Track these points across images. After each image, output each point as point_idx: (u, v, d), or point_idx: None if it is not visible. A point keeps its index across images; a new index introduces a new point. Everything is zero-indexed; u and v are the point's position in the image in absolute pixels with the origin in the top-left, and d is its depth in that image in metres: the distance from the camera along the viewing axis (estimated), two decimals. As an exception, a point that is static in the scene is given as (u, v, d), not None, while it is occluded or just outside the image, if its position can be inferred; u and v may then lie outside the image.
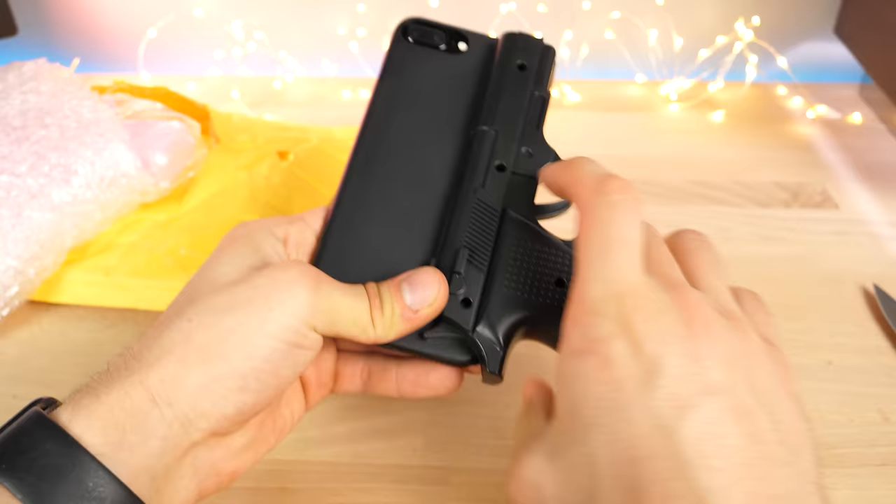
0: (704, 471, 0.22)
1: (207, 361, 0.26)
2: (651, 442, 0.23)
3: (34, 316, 0.47)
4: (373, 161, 0.33)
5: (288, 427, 0.33)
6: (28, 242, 0.44)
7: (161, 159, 0.50)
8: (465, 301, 0.30)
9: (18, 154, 0.46)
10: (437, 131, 0.34)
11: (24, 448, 0.24)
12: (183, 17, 0.71)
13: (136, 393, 0.25)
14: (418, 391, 0.33)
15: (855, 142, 0.63)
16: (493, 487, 0.37)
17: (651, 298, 0.25)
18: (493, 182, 0.32)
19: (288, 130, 0.60)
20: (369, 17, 0.72)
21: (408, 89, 0.35)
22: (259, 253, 0.29)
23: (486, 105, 0.34)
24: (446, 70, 0.36)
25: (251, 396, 0.27)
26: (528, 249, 0.31)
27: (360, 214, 0.32)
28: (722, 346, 0.25)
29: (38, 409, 0.25)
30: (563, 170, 0.29)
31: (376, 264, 0.31)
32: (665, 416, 0.23)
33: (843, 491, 0.37)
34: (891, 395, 0.42)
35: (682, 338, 0.24)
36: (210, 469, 0.28)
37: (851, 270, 0.50)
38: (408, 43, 0.36)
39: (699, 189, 0.58)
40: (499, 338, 0.30)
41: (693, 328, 0.25)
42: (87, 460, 0.24)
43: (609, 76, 0.73)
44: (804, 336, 0.45)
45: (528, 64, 0.35)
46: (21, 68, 0.52)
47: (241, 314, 0.26)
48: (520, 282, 0.31)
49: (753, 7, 0.70)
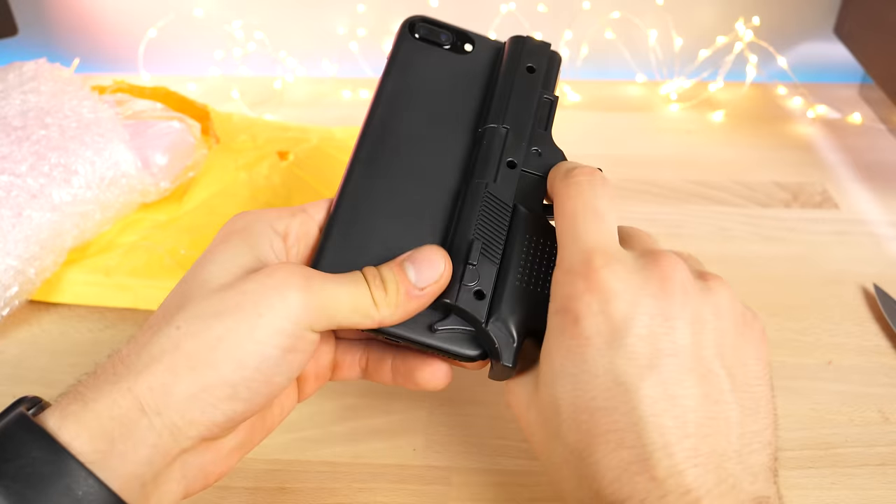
0: (655, 427, 0.24)
1: (196, 370, 0.25)
2: (611, 395, 0.25)
3: (34, 316, 0.47)
4: (377, 155, 0.33)
5: (277, 423, 0.32)
6: (28, 242, 0.44)
7: (161, 159, 0.50)
8: (479, 293, 0.30)
9: (19, 154, 0.46)
10: (444, 128, 0.34)
11: (10, 455, 0.23)
12: (183, 17, 0.71)
13: (124, 401, 0.24)
14: (408, 383, 0.32)
15: (855, 142, 0.64)
16: (493, 487, 0.37)
17: (622, 259, 0.27)
18: (505, 178, 0.32)
19: (288, 130, 0.60)
20: (369, 17, 0.72)
21: (413, 85, 0.35)
22: (255, 250, 0.29)
23: (495, 104, 0.34)
24: (453, 69, 0.36)
25: (242, 405, 0.26)
26: (540, 245, 0.31)
27: (365, 207, 0.32)
28: (693, 306, 0.26)
29: (23, 412, 0.24)
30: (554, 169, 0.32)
31: (381, 256, 0.30)
32: (627, 374, 0.25)
33: (843, 491, 0.37)
34: (891, 395, 0.42)
35: (654, 297, 0.26)
36: (198, 472, 0.28)
37: (851, 270, 0.50)
38: (414, 40, 0.36)
39: (699, 189, 0.58)
40: (511, 331, 0.29)
41: (665, 287, 0.26)
42: (76, 468, 0.23)
43: (609, 76, 0.73)
44: (804, 336, 0.45)
45: (537, 66, 0.35)
46: (21, 68, 0.52)
47: (230, 321, 0.26)
48: (532, 277, 0.30)
49: (753, 7, 0.70)
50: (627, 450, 0.24)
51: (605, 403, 0.25)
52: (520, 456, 0.38)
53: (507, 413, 0.41)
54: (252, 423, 0.30)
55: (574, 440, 0.26)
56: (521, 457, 0.38)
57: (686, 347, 0.26)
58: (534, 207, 0.32)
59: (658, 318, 0.26)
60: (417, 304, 0.29)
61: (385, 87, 0.35)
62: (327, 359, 0.33)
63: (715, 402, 0.25)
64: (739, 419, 0.26)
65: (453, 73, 0.36)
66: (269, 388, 0.27)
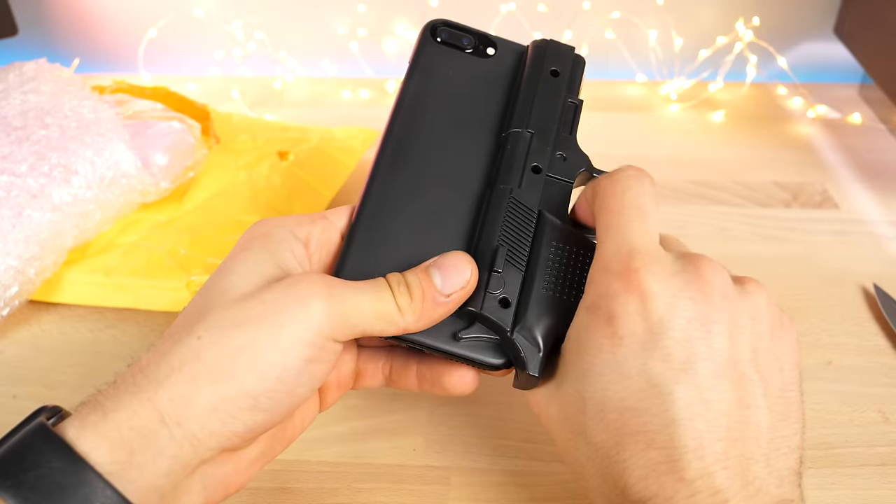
0: (687, 429, 0.24)
1: (217, 381, 0.25)
2: (643, 396, 0.25)
3: (34, 316, 0.47)
4: (400, 159, 0.33)
5: (298, 433, 0.32)
6: (28, 242, 0.44)
7: (161, 159, 0.50)
8: (504, 301, 0.29)
9: (19, 154, 0.46)
10: (467, 133, 0.34)
11: (29, 465, 0.23)
12: (183, 17, 0.71)
13: (144, 412, 0.24)
14: (435, 389, 0.32)
15: (855, 142, 0.64)
16: (493, 487, 0.37)
17: (662, 261, 0.27)
18: (529, 183, 0.32)
19: (288, 130, 0.60)
20: (369, 17, 0.72)
21: (436, 89, 0.35)
22: (276, 258, 0.28)
23: (519, 108, 0.34)
24: (475, 73, 0.35)
25: (263, 416, 0.26)
26: (565, 252, 0.31)
27: (388, 212, 0.31)
28: (731, 311, 0.26)
29: (42, 422, 0.24)
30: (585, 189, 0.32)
31: (404, 263, 0.30)
32: (661, 377, 0.25)
33: (843, 491, 0.37)
34: (891, 395, 0.42)
35: (693, 300, 0.26)
36: (219, 483, 0.27)
37: (851, 270, 0.50)
38: (436, 43, 0.36)
39: (699, 189, 0.58)
40: (537, 339, 0.29)
41: (705, 291, 0.26)
42: (94, 479, 0.23)
43: (609, 76, 0.73)
44: (804, 336, 0.45)
45: (561, 70, 0.35)
46: (21, 68, 0.52)
47: (251, 331, 0.26)
48: (558, 284, 0.30)
49: (753, 7, 0.70)
50: (657, 451, 0.25)
51: (637, 404, 0.25)
52: (520, 456, 0.38)
53: (507, 413, 0.41)
54: (273, 434, 0.30)
55: (601, 439, 0.26)
56: (520, 457, 0.38)
57: (722, 352, 0.26)
58: (559, 213, 0.32)
59: (695, 321, 0.26)
60: (443, 310, 0.29)
61: (407, 91, 0.34)
62: (349, 367, 0.33)
63: (747, 407, 0.25)
64: (770, 424, 0.26)
65: (476, 77, 0.35)
66: (291, 398, 0.27)
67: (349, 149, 0.58)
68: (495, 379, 0.33)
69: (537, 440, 0.39)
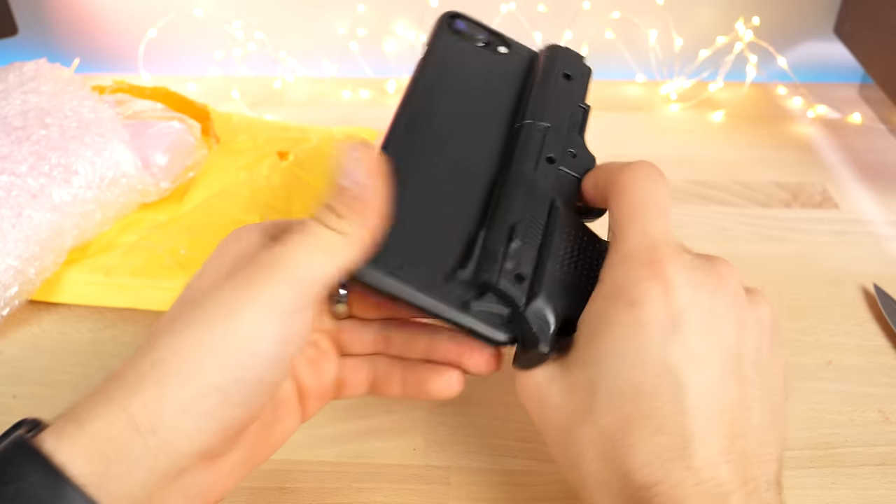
0: (697, 418, 0.25)
1: (186, 380, 0.25)
2: (659, 381, 0.25)
3: (34, 316, 0.47)
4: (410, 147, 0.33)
5: (279, 443, 0.32)
6: (28, 242, 0.44)
7: (161, 159, 0.50)
8: (519, 276, 0.29)
9: (19, 154, 0.46)
10: (479, 123, 0.34)
11: (8, 478, 0.23)
12: (183, 17, 0.71)
13: (119, 421, 0.24)
14: (420, 394, 0.32)
15: (855, 142, 0.64)
16: (493, 487, 0.37)
17: (683, 255, 0.27)
18: (544, 171, 0.32)
19: (288, 130, 0.60)
20: (369, 17, 0.72)
21: (450, 79, 0.35)
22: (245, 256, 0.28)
23: (533, 103, 0.34)
24: (489, 68, 0.36)
25: (236, 410, 0.26)
26: (577, 240, 0.31)
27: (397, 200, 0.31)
28: (741, 312, 0.27)
29: (21, 435, 0.24)
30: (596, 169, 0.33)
31: (416, 242, 0.30)
32: (679, 365, 0.25)
33: (843, 491, 0.37)
34: (891, 395, 0.42)
35: (711, 295, 0.27)
36: (199, 493, 0.27)
37: (851, 270, 0.50)
38: (451, 35, 0.36)
39: (699, 189, 0.58)
40: (548, 317, 0.29)
41: (722, 288, 0.27)
42: (71, 492, 0.23)
43: (609, 76, 0.73)
44: (804, 336, 0.45)
45: (573, 75, 0.36)
46: (21, 68, 0.52)
47: (214, 325, 0.25)
48: (570, 269, 0.30)
49: (753, 7, 0.70)
50: (666, 436, 0.25)
51: (651, 389, 0.25)
52: (519, 456, 0.38)
53: (507, 413, 0.41)
54: (252, 441, 0.30)
55: (607, 422, 0.26)
56: (520, 457, 0.38)
57: (731, 349, 0.26)
58: (569, 204, 0.32)
59: (713, 315, 0.26)
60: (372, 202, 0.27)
61: (420, 79, 0.34)
62: (331, 376, 0.32)
63: (747, 408, 0.26)
64: (761, 428, 0.26)
65: (489, 72, 0.36)
66: (262, 386, 0.26)
67: (349, 149, 0.58)
68: (496, 379, 0.33)
69: (537, 440, 0.39)
